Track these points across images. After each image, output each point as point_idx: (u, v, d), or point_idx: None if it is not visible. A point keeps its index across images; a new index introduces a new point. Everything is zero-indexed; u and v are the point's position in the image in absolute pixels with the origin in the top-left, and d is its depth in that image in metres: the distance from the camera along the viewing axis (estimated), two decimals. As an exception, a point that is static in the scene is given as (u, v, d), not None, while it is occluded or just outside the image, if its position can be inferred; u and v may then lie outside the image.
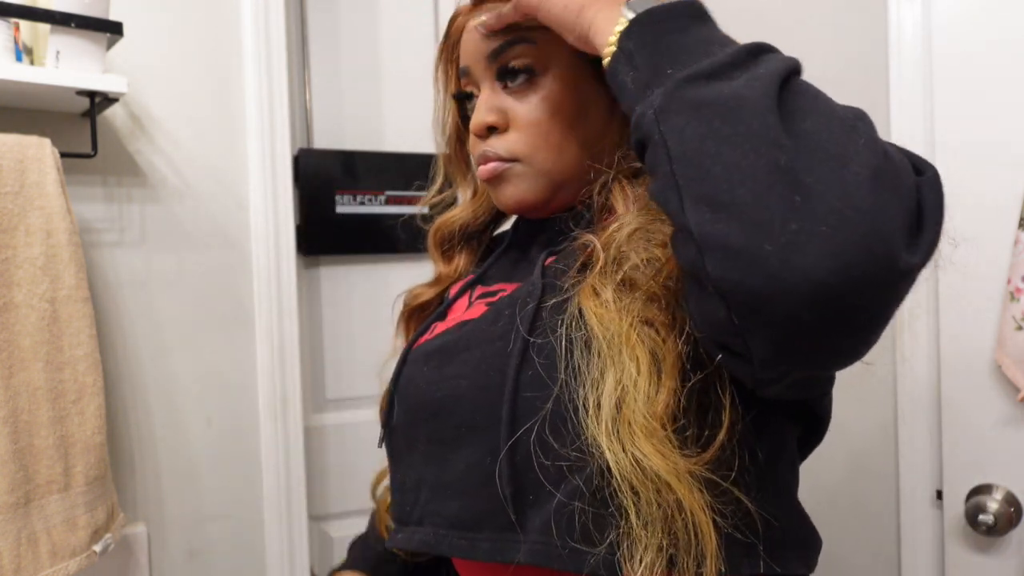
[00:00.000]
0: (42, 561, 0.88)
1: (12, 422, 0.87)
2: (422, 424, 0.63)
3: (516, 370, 0.56)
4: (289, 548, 1.22)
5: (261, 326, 1.20)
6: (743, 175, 0.42)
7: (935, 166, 0.45)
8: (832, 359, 0.45)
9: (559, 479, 0.54)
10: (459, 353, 0.62)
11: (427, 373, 0.63)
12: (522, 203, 0.65)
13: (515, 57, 0.63)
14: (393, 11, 1.49)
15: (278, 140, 1.22)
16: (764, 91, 0.43)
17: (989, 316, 0.99)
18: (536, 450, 0.54)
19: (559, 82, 0.63)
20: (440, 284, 0.77)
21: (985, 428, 1.01)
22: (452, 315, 0.70)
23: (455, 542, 0.59)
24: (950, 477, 1.05)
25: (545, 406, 0.54)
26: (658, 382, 0.51)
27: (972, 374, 1.01)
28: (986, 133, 1.00)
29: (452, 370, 0.61)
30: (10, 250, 0.89)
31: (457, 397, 0.60)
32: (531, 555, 0.55)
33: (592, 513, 0.53)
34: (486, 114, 0.65)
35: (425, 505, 0.62)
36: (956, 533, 1.05)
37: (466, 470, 0.59)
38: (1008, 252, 0.97)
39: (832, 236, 0.39)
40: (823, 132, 0.42)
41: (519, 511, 0.56)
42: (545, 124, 0.63)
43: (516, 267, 0.70)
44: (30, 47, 0.99)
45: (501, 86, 0.65)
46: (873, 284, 0.40)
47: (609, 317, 0.53)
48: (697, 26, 0.50)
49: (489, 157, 0.65)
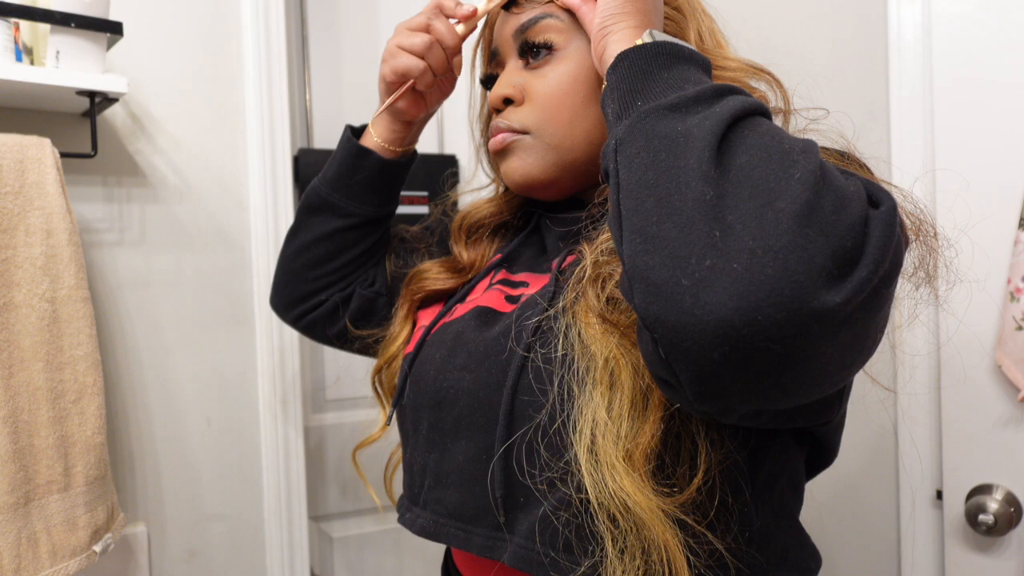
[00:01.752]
0: (42, 561, 0.88)
1: (12, 422, 0.87)
2: (426, 410, 0.64)
3: (516, 374, 0.57)
4: (289, 548, 1.22)
5: (261, 326, 1.20)
6: (672, 209, 0.42)
7: (894, 199, 0.43)
8: (770, 395, 0.42)
9: (549, 486, 0.54)
10: (468, 345, 0.62)
11: (439, 360, 0.64)
12: (528, 177, 0.66)
13: (539, 32, 0.64)
14: (393, 11, 1.49)
15: (278, 140, 1.22)
16: (711, 128, 0.43)
17: (989, 316, 0.99)
18: (528, 456, 0.55)
19: (577, 61, 0.64)
20: (458, 274, 0.77)
21: (985, 428, 1.01)
22: (472, 296, 0.71)
23: (452, 532, 0.60)
24: (950, 477, 1.05)
25: (539, 414, 0.54)
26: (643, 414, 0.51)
27: (972, 374, 1.01)
28: (986, 133, 1.00)
29: (459, 361, 0.62)
30: (10, 250, 0.89)
31: (459, 390, 0.60)
32: (514, 558, 0.56)
33: (576, 527, 0.53)
34: (504, 87, 0.66)
35: (429, 492, 0.63)
36: (956, 533, 1.05)
37: (464, 463, 0.60)
38: (1008, 252, 0.97)
39: (741, 276, 0.38)
40: (755, 167, 0.41)
41: (509, 512, 0.57)
42: (558, 98, 0.64)
43: (538, 259, 0.71)
44: (30, 47, 0.99)
45: (523, 63, 0.67)
46: (778, 326, 0.38)
47: (597, 337, 0.53)
48: (683, 66, 0.50)
49: (501, 128, 0.67)
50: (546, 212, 0.72)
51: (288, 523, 1.22)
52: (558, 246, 0.68)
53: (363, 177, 0.80)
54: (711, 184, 0.41)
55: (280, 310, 0.89)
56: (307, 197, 0.84)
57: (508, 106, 0.67)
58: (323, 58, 1.44)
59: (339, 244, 0.82)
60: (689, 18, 0.64)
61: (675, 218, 0.41)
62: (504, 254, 0.74)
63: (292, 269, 0.85)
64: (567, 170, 0.65)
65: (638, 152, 0.45)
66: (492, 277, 0.72)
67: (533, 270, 0.69)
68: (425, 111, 0.79)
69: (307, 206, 0.83)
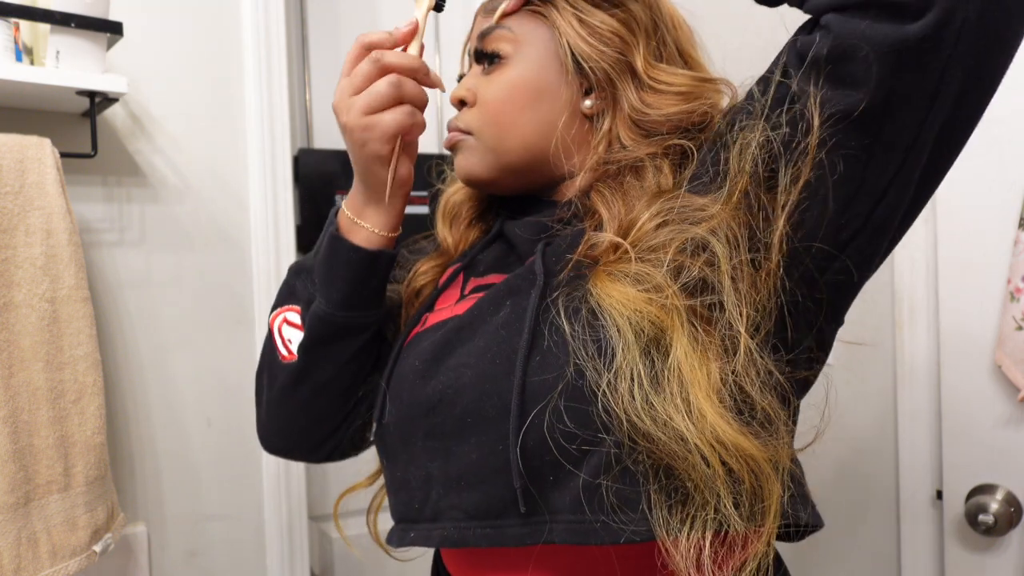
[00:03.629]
0: (42, 561, 0.88)
1: (12, 422, 0.87)
2: (420, 419, 0.62)
3: (525, 356, 0.56)
4: (289, 548, 1.22)
5: (261, 326, 1.20)
6: None
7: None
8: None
9: (579, 457, 0.54)
10: (461, 343, 0.61)
11: (421, 368, 0.63)
12: (470, 175, 0.68)
13: (491, 42, 0.67)
14: (393, 12, 1.49)
15: (278, 140, 1.22)
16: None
17: (989, 316, 0.99)
18: (551, 432, 0.54)
19: (520, 71, 0.66)
20: (441, 256, 0.76)
21: (985, 428, 1.01)
22: (441, 305, 0.70)
23: (480, 532, 0.58)
24: (950, 477, 1.05)
25: (557, 388, 0.54)
26: (704, 356, 0.52)
27: (972, 374, 1.01)
28: (986, 133, 1.00)
29: (454, 360, 0.61)
30: (10, 250, 0.89)
31: (460, 387, 0.59)
32: (566, 533, 0.55)
33: (617, 488, 0.54)
34: (459, 89, 0.69)
35: (439, 501, 0.61)
36: (956, 533, 1.05)
37: (479, 460, 0.58)
38: (1008, 252, 0.97)
39: None
40: None
41: (542, 494, 0.56)
42: (499, 104, 0.66)
43: (506, 259, 0.70)
44: (30, 47, 0.99)
45: (480, 68, 0.69)
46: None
47: (644, 297, 0.53)
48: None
49: (452, 127, 0.69)
50: (509, 216, 0.72)
51: (288, 523, 1.22)
52: (529, 245, 0.67)
53: (377, 283, 0.69)
54: None
55: (302, 456, 0.79)
56: (315, 329, 0.69)
57: (463, 107, 0.69)
58: (323, 58, 1.44)
59: (364, 360, 0.72)
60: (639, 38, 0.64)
61: None
62: (464, 263, 0.72)
63: (313, 414, 0.73)
64: (504, 171, 0.67)
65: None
66: (463, 288, 0.71)
67: (501, 270, 0.69)
68: (413, 163, 0.68)
69: (318, 339, 0.69)
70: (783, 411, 0.54)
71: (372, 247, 0.67)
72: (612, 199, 0.61)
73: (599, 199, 0.62)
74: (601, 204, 0.62)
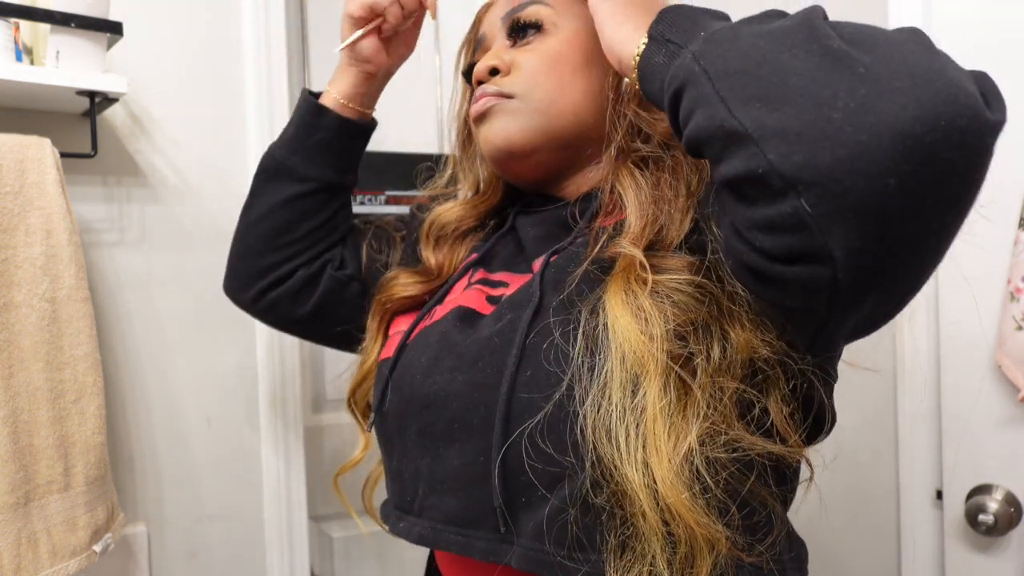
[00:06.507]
0: (42, 561, 0.88)
1: (12, 422, 0.87)
2: (414, 414, 0.62)
3: (514, 370, 0.55)
4: (289, 548, 1.22)
5: (261, 326, 1.20)
6: (794, 67, 0.39)
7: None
8: (924, 245, 0.40)
9: (552, 483, 0.53)
10: (457, 347, 0.61)
11: (424, 363, 0.63)
12: (508, 141, 0.64)
13: (531, 14, 0.65)
14: (393, 11, 1.49)
15: (278, 140, 1.22)
16: (803, 17, 0.42)
17: (989, 316, 0.99)
18: (530, 452, 0.54)
19: (566, 38, 0.64)
20: (428, 280, 0.76)
21: (985, 428, 1.01)
22: (451, 296, 0.70)
23: (451, 538, 0.59)
24: (950, 477, 1.05)
25: (544, 408, 0.53)
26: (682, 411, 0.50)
27: (972, 374, 1.01)
28: (986, 133, 1.00)
29: (449, 363, 0.60)
30: (10, 250, 0.89)
31: (451, 392, 0.59)
32: (523, 560, 0.55)
33: (584, 523, 0.52)
34: (491, 58, 0.66)
35: (424, 499, 0.62)
36: (956, 533, 1.05)
37: (460, 467, 0.58)
38: (1008, 252, 0.97)
39: (910, 89, 0.36)
40: (866, 30, 0.41)
41: (512, 513, 0.56)
42: (548, 65, 0.64)
43: (516, 258, 0.70)
44: (30, 47, 0.99)
45: (511, 43, 0.66)
46: (963, 132, 0.36)
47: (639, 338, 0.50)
48: (723, 19, 0.50)
49: (485, 93, 0.65)
50: (522, 208, 0.71)
51: (288, 523, 1.22)
52: (538, 245, 0.67)
53: (321, 137, 0.77)
54: (833, 40, 0.40)
55: (236, 291, 0.84)
56: (263, 162, 0.80)
57: (493, 76, 0.66)
58: (323, 58, 1.43)
59: (298, 212, 0.78)
60: None
61: (802, 73, 0.39)
62: (480, 254, 0.72)
63: (248, 243, 0.81)
64: (550, 139, 0.64)
65: (728, 49, 0.43)
66: (470, 277, 0.71)
67: (511, 269, 0.68)
68: (386, 64, 0.78)
69: (263, 171, 0.80)
70: (766, 494, 0.52)
71: (323, 103, 0.78)
72: (642, 184, 0.59)
73: (629, 181, 0.59)
74: (630, 187, 0.59)
